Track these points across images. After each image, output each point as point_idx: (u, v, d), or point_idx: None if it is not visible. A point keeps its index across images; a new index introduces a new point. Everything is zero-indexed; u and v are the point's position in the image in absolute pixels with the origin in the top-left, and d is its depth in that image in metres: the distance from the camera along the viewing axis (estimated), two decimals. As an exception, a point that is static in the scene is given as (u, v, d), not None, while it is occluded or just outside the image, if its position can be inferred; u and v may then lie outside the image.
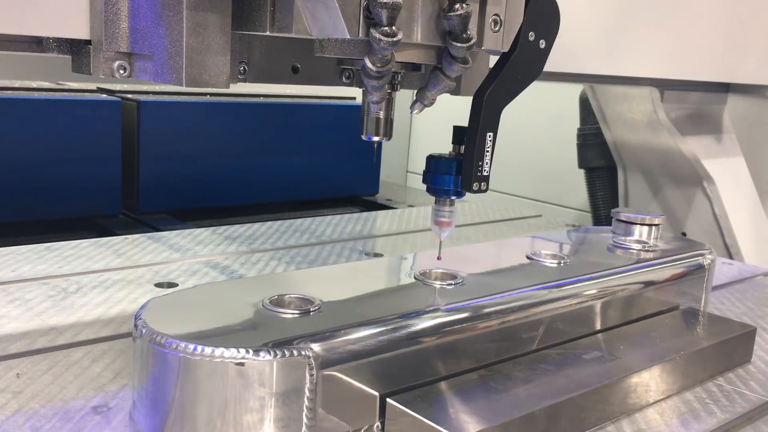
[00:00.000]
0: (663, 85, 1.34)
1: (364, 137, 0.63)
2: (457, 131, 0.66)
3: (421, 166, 0.67)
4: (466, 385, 0.59)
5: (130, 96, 1.45)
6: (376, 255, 1.16)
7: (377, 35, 0.50)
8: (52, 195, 1.34)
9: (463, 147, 0.65)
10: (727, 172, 1.43)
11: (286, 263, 1.06)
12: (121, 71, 0.55)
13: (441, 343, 0.60)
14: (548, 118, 1.97)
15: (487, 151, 0.63)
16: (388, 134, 0.63)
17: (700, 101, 1.42)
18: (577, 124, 1.72)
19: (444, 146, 0.69)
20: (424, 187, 0.68)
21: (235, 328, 0.55)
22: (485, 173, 0.64)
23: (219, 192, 1.56)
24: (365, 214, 1.49)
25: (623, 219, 0.88)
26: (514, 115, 0.72)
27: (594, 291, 0.73)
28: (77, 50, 0.57)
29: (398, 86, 0.62)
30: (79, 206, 1.37)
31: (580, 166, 1.73)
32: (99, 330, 0.77)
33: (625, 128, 1.50)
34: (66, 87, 1.53)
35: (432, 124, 2.32)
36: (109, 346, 0.73)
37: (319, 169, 1.69)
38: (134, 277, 0.95)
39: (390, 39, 0.51)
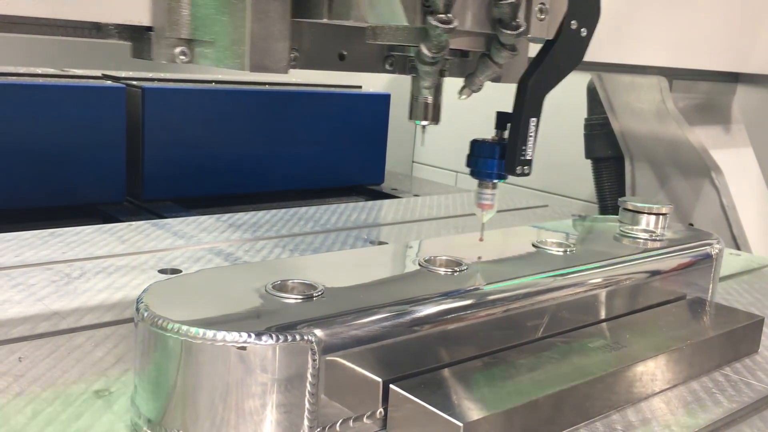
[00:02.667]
0: (671, 74, 1.33)
1: (412, 121, 0.65)
2: (501, 117, 0.67)
3: (427, 156, 0.68)
4: (470, 372, 0.58)
5: (134, 83, 1.44)
6: (381, 243, 1.15)
7: (434, 22, 0.52)
8: (56, 181, 1.34)
9: (505, 132, 0.67)
10: (735, 163, 1.42)
11: (290, 251, 1.06)
12: (182, 57, 0.57)
13: (444, 330, 0.59)
14: (555, 108, 1.96)
15: (531, 136, 0.65)
16: (437, 119, 0.65)
17: (708, 91, 1.41)
18: (584, 114, 1.71)
19: (449, 137, 0.69)
20: (430, 176, 0.69)
21: (237, 313, 0.54)
22: (528, 157, 0.66)
23: (223, 180, 1.55)
24: (370, 203, 1.49)
25: (630, 208, 0.87)
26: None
27: (600, 280, 0.72)
28: (137, 36, 0.58)
29: (446, 72, 0.64)
30: (84, 193, 1.37)
31: (587, 156, 1.71)
32: (102, 315, 0.77)
33: (632, 118, 1.49)
34: (70, 73, 1.53)
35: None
36: (112, 330, 0.73)
37: (324, 158, 1.69)
38: (138, 263, 0.95)
39: (446, 26, 0.52)
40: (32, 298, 0.80)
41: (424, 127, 0.66)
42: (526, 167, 0.66)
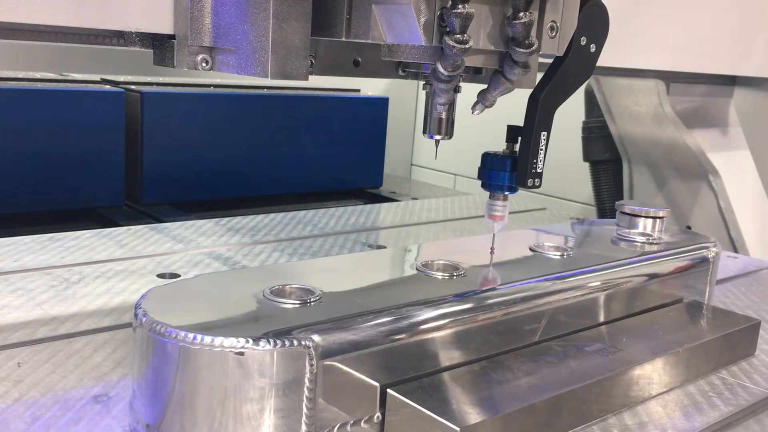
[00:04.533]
0: (669, 77, 1.33)
1: (426, 136, 0.67)
2: (511, 130, 0.69)
3: (425, 159, 0.69)
4: (468, 377, 0.59)
5: (133, 87, 1.45)
6: (380, 247, 1.16)
7: (451, 42, 0.54)
8: (55, 186, 1.34)
9: (516, 145, 0.68)
10: (732, 166, 1.42)
11: (289, 255, 1.06)
12: (204, 64, 0.59)
13: (442, 335, 0.59)
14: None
15: (541, 149, 0.67)
16: (450, 133, 0.67)
17: (706, 94, 1.41)
18: (582, 117, 1.71)
19: (447, 141, 0.70)
20: (428, 179, 0.69)
21: (235, 318, 0.55)
22: (539, 170, 0.68)
23: (223, 184, 1.55)
24: (369, 206, 1.49)
25: (627, 211, 0.88)
26: (519, 108, 0.73)
27: (597, 283, 0.72)
28: (160, 44, 0.60)
29: (460, 89, 0.66)
30: (83, 197, 1.37)
31: (585, 159, 1.72)
32: (100, 320, 0.77)
33: (630, 121, 1.49)
34: (70, 78, 1.53)
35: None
36: (111, 335, 0.73)
37: (322, 162, 1.69)
38: (136, 267, 0.95)
39: (462, 46, 0.54)
40: (31, 303, 0.80)
41: (437, 141, 0.67)
42: (537, 180, 0.68)
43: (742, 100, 1.47)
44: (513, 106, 0.74)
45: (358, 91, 1.83)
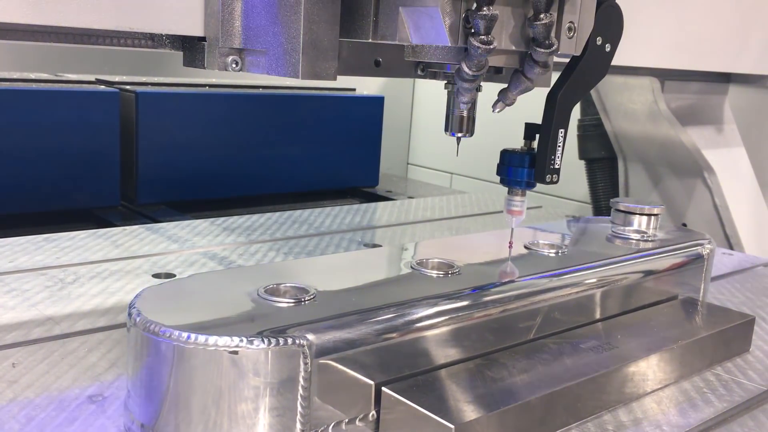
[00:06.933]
0: (663, 75, 1.33)
1: (448, 134, 0.69)
2: (529, 128, 0.71)
3: (421, 158, 0.69)
4: (463, 374, 0.59)
5: (128, 87, 1.44)
6: (375, 246, 1.15)
7: (476, 43, 0.55)
8: (50, 187, 1.34)
9: (534, 142, 0.70)
10: (727, 163, 1.43)
11: (285, 254, 1.06)
12: (234, 65, 0.60)
13: (437, 332, 0.59)
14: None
15: (559, 146, 0.69)
16: (471, 131, 0.69)
17: (700, 91, 1.41)
18: (577, 115, 1.71)
19: (444, 139, 0.71)
20: (424, 178, 0.70)
21: (229, 317, 0.55)
22: (557, 166, 0.70)
23: (218, 183, 1.55)
24: (364, 205, 1.49)
25: (622, 209, 0.88)
26: (514, 106, 0.73)
27: (592, 280, 0.73)
28: (190, 46, 0.62)
29: (481, 88, 0.67)
30: (78, 197, 1.37)
31: (581, 157, 1.72)
32: (95, 320, 0.77)
33: (625, 119, 1.49)
34: (64, 78, 1.53)
35: (431, 117, 2.32)
36: (106, 335, 0.73)
37: (318, 161, 1.69)
38: (132, 267, 0.95)
39: (487, 46, 0.55)
40: (26, 303, 0.80)
41: (459, 139, 0.69)
42: (555, 175, 0.70)
43: (736, 98, 1.47)
44: (510, 107, 0.74)
45: (354, 90, 1.83)
